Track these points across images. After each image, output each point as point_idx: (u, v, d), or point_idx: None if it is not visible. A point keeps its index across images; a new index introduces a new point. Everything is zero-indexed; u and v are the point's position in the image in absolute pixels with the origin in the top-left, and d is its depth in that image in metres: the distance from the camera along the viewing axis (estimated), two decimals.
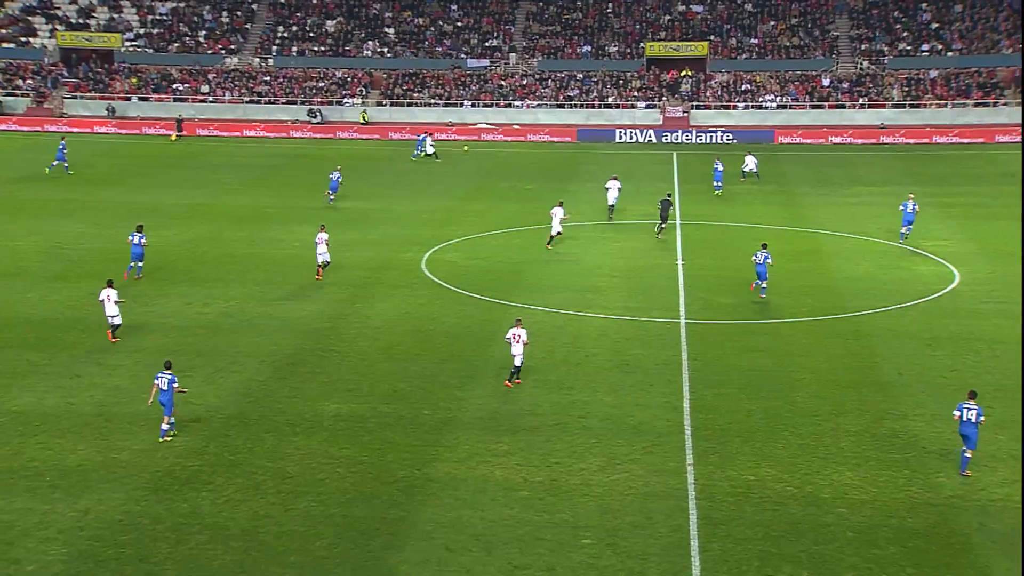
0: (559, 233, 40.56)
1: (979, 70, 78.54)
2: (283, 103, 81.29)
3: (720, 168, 53.16)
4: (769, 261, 33.69)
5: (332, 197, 49.43)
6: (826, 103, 77.58)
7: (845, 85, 78.98)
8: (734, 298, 33.66)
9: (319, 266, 36.26)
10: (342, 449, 22.59)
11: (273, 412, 24.63)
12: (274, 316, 32.08)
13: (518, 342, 25.98)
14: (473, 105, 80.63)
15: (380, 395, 25.62)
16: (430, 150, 64.56)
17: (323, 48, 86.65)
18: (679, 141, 73.17)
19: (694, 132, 73.85)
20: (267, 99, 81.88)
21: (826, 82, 79.58)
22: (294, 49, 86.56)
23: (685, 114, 77.70)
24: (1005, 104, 75.36)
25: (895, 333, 29.55)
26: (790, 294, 33.97)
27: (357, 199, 51.52)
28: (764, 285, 33.53)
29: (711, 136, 73.05)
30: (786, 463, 21.46)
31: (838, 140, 71.38)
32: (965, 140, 70.41)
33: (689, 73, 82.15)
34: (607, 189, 47.24)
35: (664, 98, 79.76)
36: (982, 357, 27.39)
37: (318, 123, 78.71)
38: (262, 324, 31.27)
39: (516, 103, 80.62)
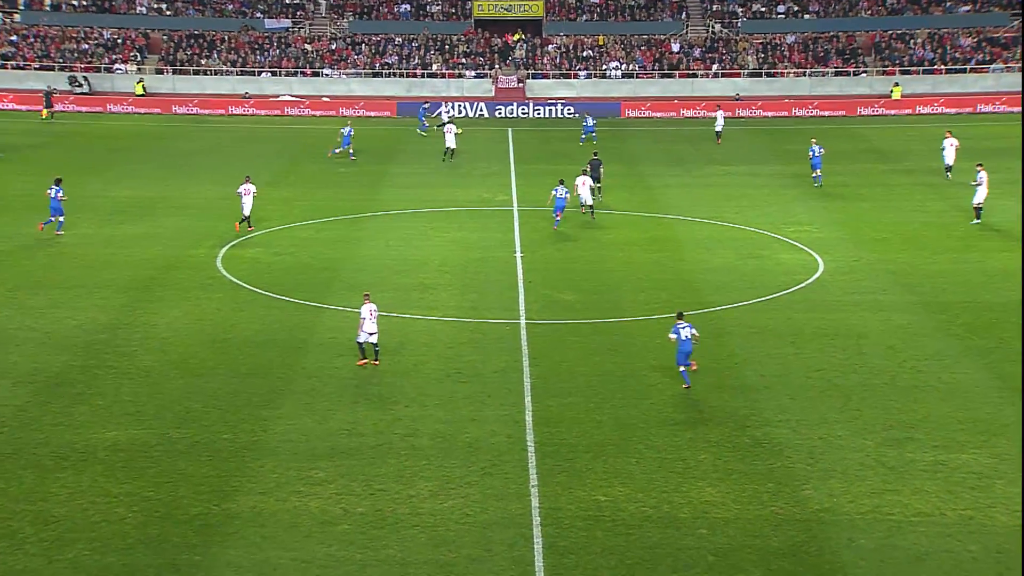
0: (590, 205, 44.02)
1: (837, 35, 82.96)
2: (36, 69, 77.50)
3: (591, 123, 61.39)
4: (568, 195, 41.89)
5: (351, 152, 56.02)
6: (676, 71, 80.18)
7: (696, 51, 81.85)
8: (580, 294, 34.36)
9: (245, 219, 40.94)
10: (122, 485, 21.82)
11: (33, 444, 23.53)
12: (33, 328, 30.66)
13: (373, 317, 27.56)
14: (273, 74, 79.24)
15: (169, 418, 24.88)
16: (445, 118, 64.65)
17: (85, 2, 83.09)
18: (514, 115, 73.96)
19: (531, 105, 74.76)
20: (15, 63, 77.83)
21: (676, 47, 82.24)
22: (47, 2, 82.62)
23: (520, 84, 78.71)
24: (865, 73, 79.90)
25: (756, 330, 30.84)
26: (642, 288, 34.96)
27: (137, 187, 49.78)
28: (558, 218, 41.64)
29: (550, 109, 74.21)
30: (641, 480, 22.07)
31: (690, 113, 73.88)
32: (825, 113, 74.22)
33: (523, 36, 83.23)
34: (445, 134, 56.45)
35: (496, 66, 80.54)
36: (848, 355, 28.93)
37: (84, 93, 75.49)
38: (18, 337, 29.84)
39: (325, 71, 79.69)
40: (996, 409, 25.16)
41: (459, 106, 74.38)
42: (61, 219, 40.42)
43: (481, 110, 74.54)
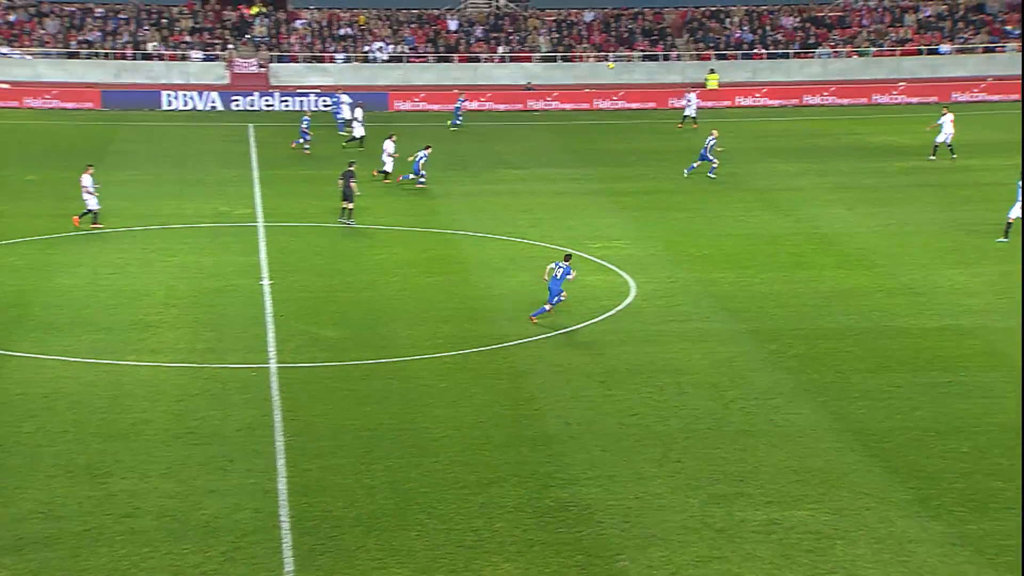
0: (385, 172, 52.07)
1: (642, 11, 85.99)
2: None
3: (344, 104, 65.06)
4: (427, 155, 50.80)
5: (306, 145, 59.47)
6: (455, 54, 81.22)
7: (478, 30, 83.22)
8: (344, 329, 34.24)
9: (85, 214, 43.58)
10: None
11: None
12: None
13: None
14: None
15: None
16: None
17: None
18: (256, 108, 73.41)
19: (276, 95, 74.49)
20: None
21: (453, 25, 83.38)
22: None
23: (262, 69, 78.08)
24: (678, 57, 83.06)
25: (560, 368, 31.43)
26: (421, 320, 35.12)
27: None
28: (402, 167, 48.80)
29: (301, 101, 74.04)
30: (423, 558, 22.10)
31: (474, 105, 74.94)
32: (633, 105, 76.71)
33: (263, 9, 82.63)
34: (347, 106, 63.41)
35: (231, 46, 79.63)
36: (667, 395, 29.86)
37: None
38: None
39: (2, 50, 76.83)
40: (834, 456, 26.41)
41: (184, 96, 73.15)
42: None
43: (213, 101, 73.62)
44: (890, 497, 24.35)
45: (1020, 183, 43.35)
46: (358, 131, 60.65)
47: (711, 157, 54.22)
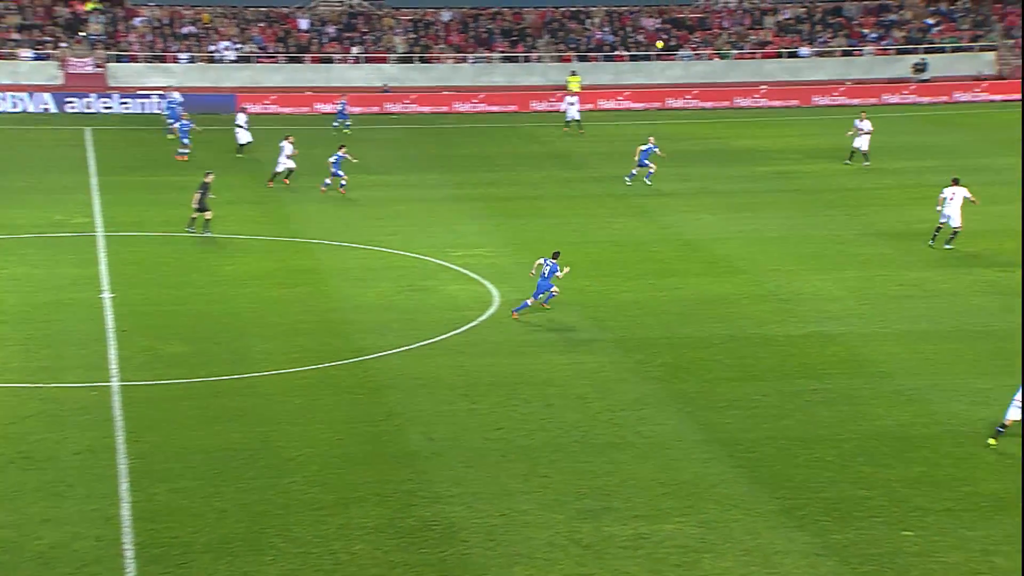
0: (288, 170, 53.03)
1: (501, 11, 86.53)
2: None
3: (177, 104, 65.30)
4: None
5: (185, 150, 58.16)
6: (307, 55, 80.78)
7: (331, 29, 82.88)
8: (193, 345, 33.82)
9: None
10: None
11: None
12: None
13: None
14: None
15: None
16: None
17: None
18: (93, 110, 72.35)
19: (115, 97, 73.54)
20: None
21: (304, 24, 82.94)
22: None
23: (99, 69, 76.75)
24: (539, 59, 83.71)
25: (421, 382, 31.40)
26: (275, 334, 34.84)
27: None
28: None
29: (143, 103, 73.46)
30: None
31: (328, 108, 74.63)
32: (494, 108, 77.29)
33: (99, 5, 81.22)
34: (237, 131, 60.66)
35: (64, 44, 78.14)
36: (533, 408, 30.00)
37: None
38: None
39: None
40: (701, 467, 26.79)
41: (13, 98, 71.70)
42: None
43: (45, 103, 72.45)
44: (757, 508, 24.76)
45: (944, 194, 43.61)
46: (243, 137, 60.21)
47: (648, 162, 54.50)
